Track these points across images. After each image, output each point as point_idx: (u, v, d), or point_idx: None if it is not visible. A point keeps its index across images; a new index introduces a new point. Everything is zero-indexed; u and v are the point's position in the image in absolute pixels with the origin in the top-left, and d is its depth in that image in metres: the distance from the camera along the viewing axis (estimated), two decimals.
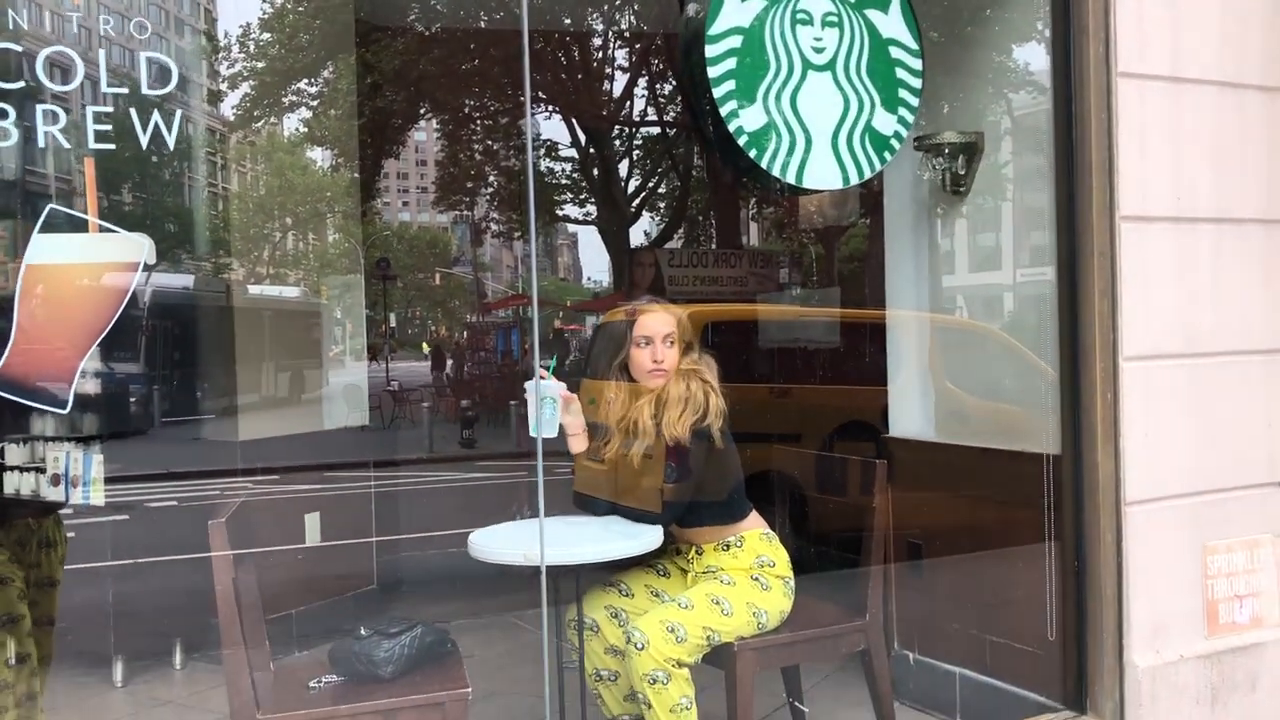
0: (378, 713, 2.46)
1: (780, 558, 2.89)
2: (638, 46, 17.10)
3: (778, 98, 2.78)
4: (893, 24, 2.93)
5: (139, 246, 2.10)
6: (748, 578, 2.83)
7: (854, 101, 2.86)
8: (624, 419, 2.98)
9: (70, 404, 2.14)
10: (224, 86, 16.24)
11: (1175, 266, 2.99)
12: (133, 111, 2.03)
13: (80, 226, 2.06)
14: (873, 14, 2.91)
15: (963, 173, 3.24)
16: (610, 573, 3.00)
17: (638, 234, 20.54)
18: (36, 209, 2.02)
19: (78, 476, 3.91)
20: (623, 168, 18.80)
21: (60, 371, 2.09)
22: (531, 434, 2.72)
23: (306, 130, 16.45)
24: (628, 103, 18.22)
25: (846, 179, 2.87)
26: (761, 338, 6.65)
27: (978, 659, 3.33)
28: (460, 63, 15.19)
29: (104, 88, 2.03)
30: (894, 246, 3.68)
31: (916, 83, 2.97)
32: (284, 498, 4.54)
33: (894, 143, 2.94)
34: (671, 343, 2.86)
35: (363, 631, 2.66)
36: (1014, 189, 3.81)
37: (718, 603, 2.75)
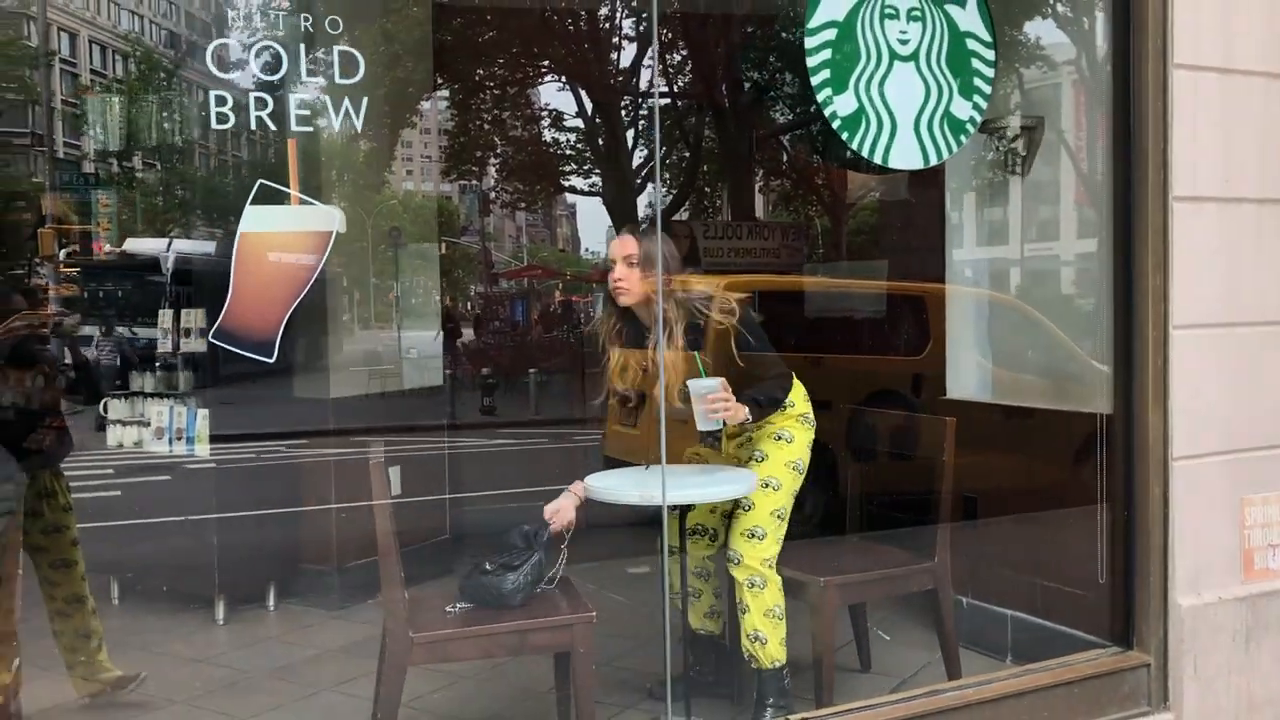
0: (513, 632, 2.75)
1: (796, 396, 3.19)
2: (645, 16, 17.21)
3: (867, 86, 3.04)
4: (969, 18, 3.19)
5: (331, 216, 2.37)
6: (772, 439, 3.15)
7: (934, 89, 3.13)
8: (639, 373, 3.25)
9: (276, 354, 2.40)
10: (244, 55, 16.32)
11: (1222, 242, 3.28)
12: (327, 99, 2.29)
13: (284, 199, 2.32)
14: (952, 9, 3.17)
15: (1023, 154, 3.50)
16: None
17: (644, 206, 20.67)
18: (248, 184, 2.27)
19: (181, 430, 4.20)
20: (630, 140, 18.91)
21: (268, 325, 2.35)
22: (700, 429, 3.03)
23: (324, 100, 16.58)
24: (638, 72, 18.30)
25: (927, 159, 3.15)
26: (796, 308, 6.92)
27: (1029, 602, 3.64)
28: (479, 34, 15.30)
29: (304, 77, 2.28)
30: (954, 223, 3.95)
31: (989, 72, 3.23)
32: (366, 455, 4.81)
33: (969, 127, 3.21)
34: (632, 264, 3.05)
35: (487, 566, 2.92)
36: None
37: (767, 485, 3.11)
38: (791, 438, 3.20)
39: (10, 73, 19.27)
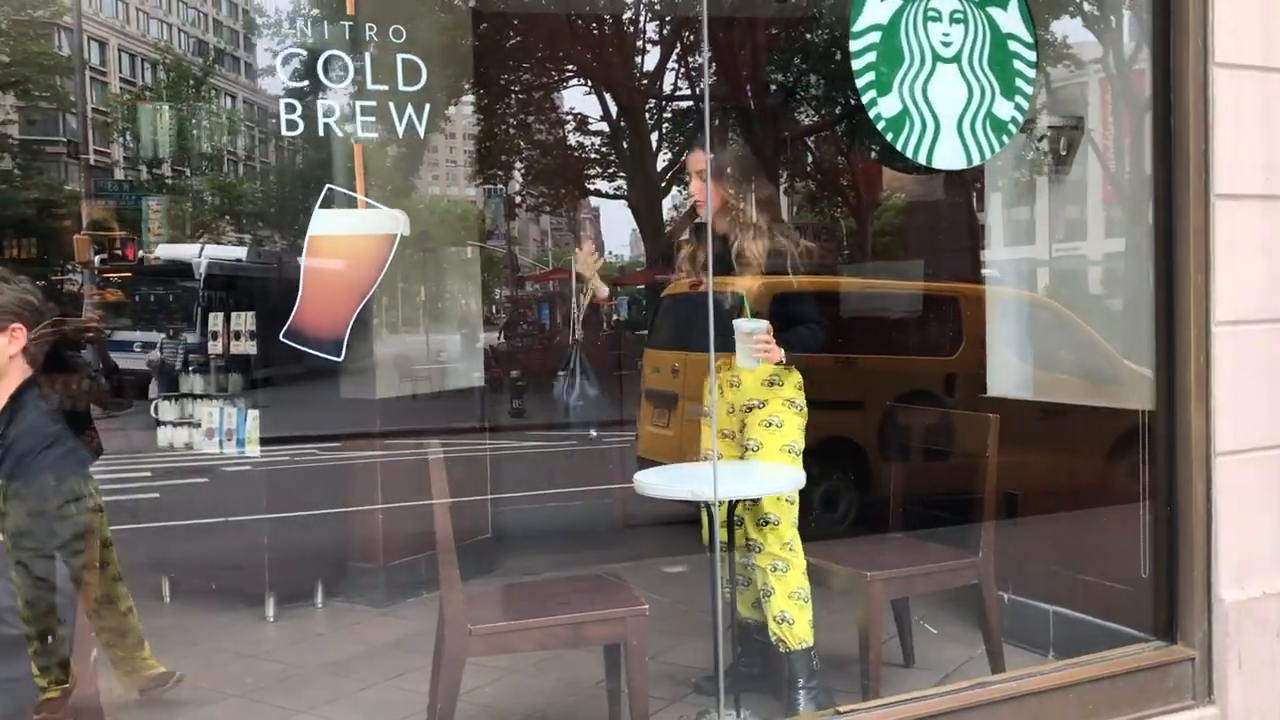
0: (568, 625, 2.81)
1: (790, 380, 3.38)
2: (669, 19, 17.30)
3: (911, 87, 3.09)
4: (1011, 20, 3.23)
5: (396, 220, 2.44)
6: (762, 426, 3.32)
7: (977, 90, 3.17)
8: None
9: (343, 354, 2.47)
10: (276, 62, 16.51)
11: (1263, 239, 3.30)
12: (391, 105, 2.36)
13: (350, 203, 2.40)
14: (994, 11, 3.21)
15: (1064, 154, 3.54)
16: None
17: (668, 208, 20.72)
18: (317, 188, 2.35)
19: (232, 431, 4.29)
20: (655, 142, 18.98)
21: (336, 325, 2.43)
22: (740, 365, 3.24)
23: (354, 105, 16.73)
24: (661, 76, 18.38)
25: (970, 159, 3.19)
26: (828, 308, 6.95)
27: (1070, 597, 3.67)
28: (505, 39, 15.41)
29: (369, 84, 2.36)
30: (994, 223, 3.99)
31: (1031, 73, 3.27)
32: (413, 456, 4.89)
33: (1011, 127, 3.25)
34: (704, 177, 3.29)
35: None
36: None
37: (789, 450, 3.30)
38: (780, 423, 3.32)
39: (44, 81, 19.56)
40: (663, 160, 19.24)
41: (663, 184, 18.85)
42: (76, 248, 12.24)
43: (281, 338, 2.40)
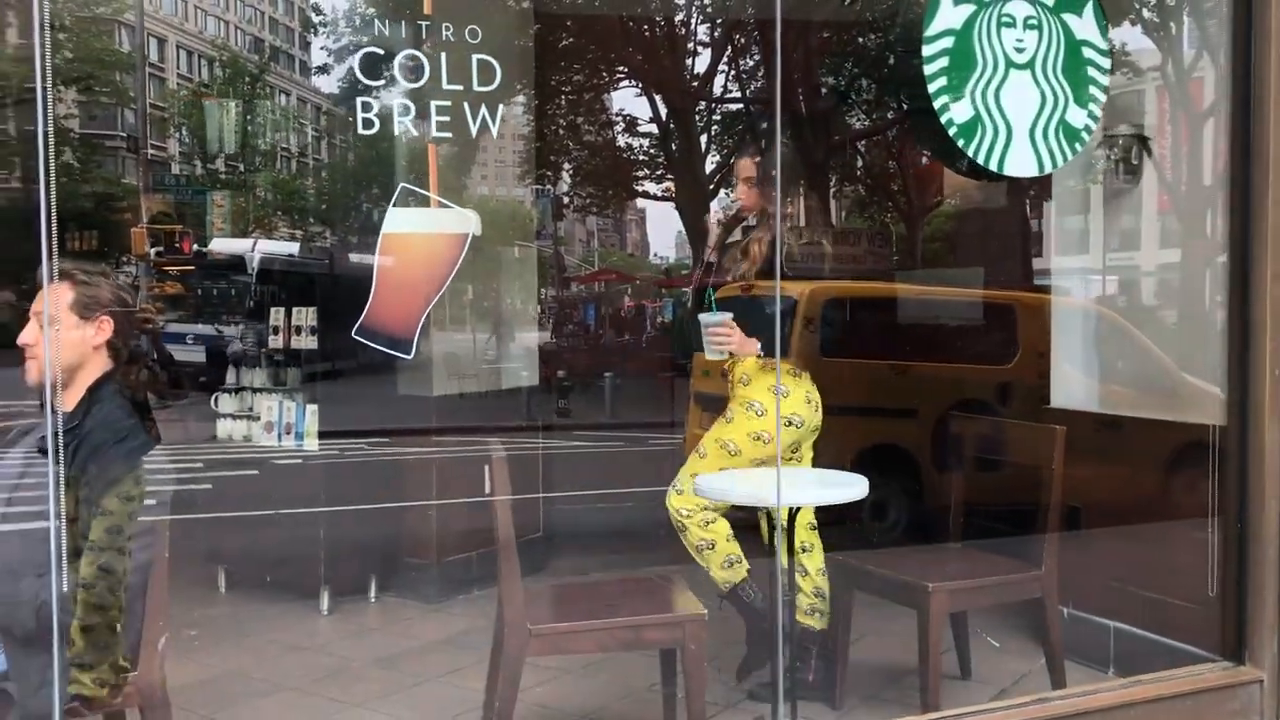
0: (628, 627, 2.81)
1: (798, 391, 3.46)
2: (720, 22, 17.28)
3: (984, 93, 3.05)
4: (1086, 26, 3.18)
5: (468, 219, 2.45)
6: (743, 406, 3.41)
7: (1050, 97, 3.12)
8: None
9: (422, 353, 2.48)
10: (330, 60, 16.77)
11: None
12: (465, 105, 2.37)
13: (423, 202, 2.42)
14: (1068, 17, 3.16)
15: (1136, 162, 3.48)
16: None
17: (715, 210, 20.64)
18: (390, 187, 2.37)
19: (291, 424, 4.33)
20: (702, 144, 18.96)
21: (408, 323, 2.44)
22: (707, 357, 3.38)
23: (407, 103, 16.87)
24: (712, 79, 18.36)
25: (1042, 167, 3.14)
26: (882, 314, 6.90)
27: (1133, 614, 3.60)
28: (557, 39, 15.46)
29: (444, 84, 2.37)
30: (1061, 232, 3.93)
31: (1105, 80, 3.22)
32: (465, 453, 4.91)
33: (1084, 135, 3.19)
34: (751, 184, 3.44)
35: None
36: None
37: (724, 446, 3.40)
38: (764, 410, 3.38)
39: (105, 77, 19.92)
40: (711, 163, 19.22)
41: (710, 186, 18.82)
42: (134, 241, 12.46)
43: (354, 334, 2.41)
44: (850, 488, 3.01)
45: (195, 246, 13.67)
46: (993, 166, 3.06)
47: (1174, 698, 3.12)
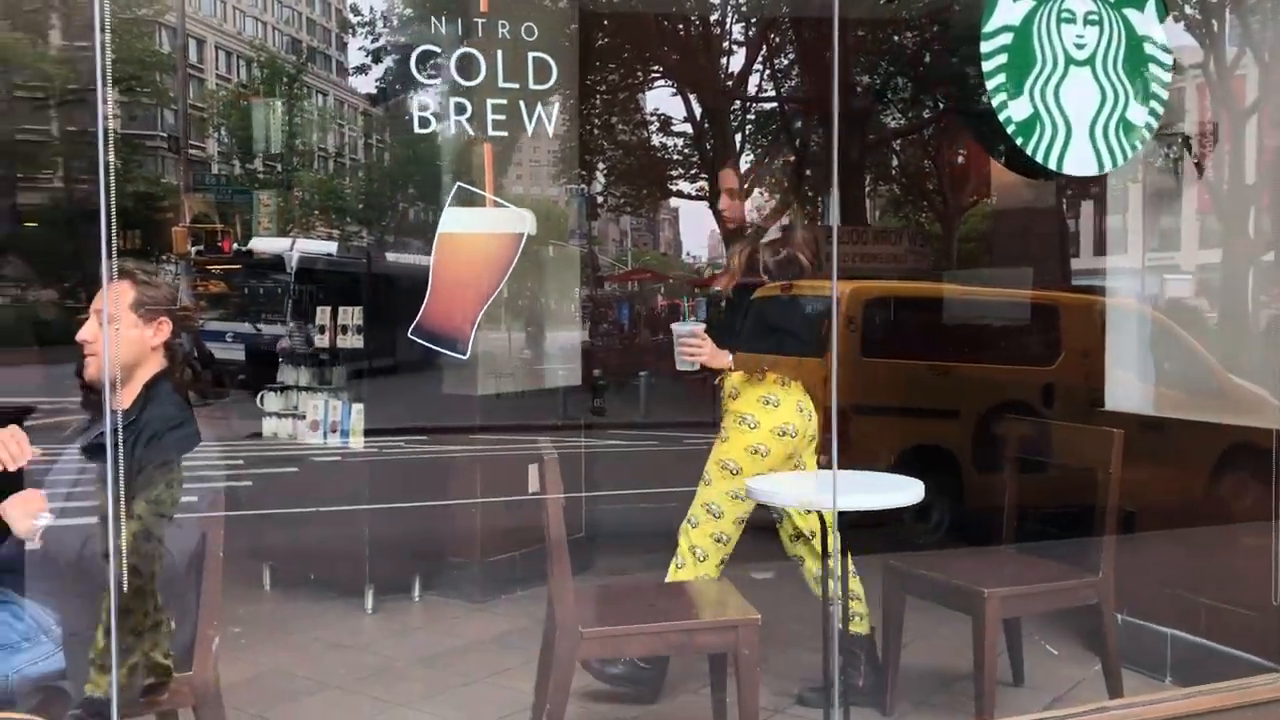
0: (681, 631, 2.78)
1: (789, 400, 3.39)
2: (754, 21, 17.22)
3: (1043, 91, 3.00)
4: (1148, 22, 3.12)
5: (523, 219, 2.43)
6: (736, 421, 3.38)
7: (1110, 94, 3.07)
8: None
9: (469, 352, 2.47)
10: (367, 60, 16.88)
11: None
12: (521, 103, 2.35)
13: (479, 201, 2.40)
14: (1130, 12, 3.10)
15: (1178, 160, 3.41)
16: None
17: (749, 209, 20.63)
18: (431, 187, 2.35)
19: (336, 423, 4.33)
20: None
21: (462, 324, 2.43)
22: (678, 368, 3.35)
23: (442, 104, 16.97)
24: (747, 77, 18.30)
25: (1101, 166, 3.08)
26: (924, 314, 6.83)
27: (1191, 621, 3.53)
28: (594, 39, 15.47)
29: (500, 82, 2.35)
30: (1117, 233, 3.86)
31: (1167, 77, 3.16)
32: (507, 452, 4.90)
33: (1145, 133, 3.13)
34: (733, 196, 3.33)
35: None
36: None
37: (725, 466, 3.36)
38: (756, 423, 3.35)
39: (145, 78, 20.14)
40: (745, 162, 19.17)
41: (744, 185, 18.75)
42: (175, 240, 12.59)
43: (409, 335, 2.40)
44: (905, 491, 2.97)
45: (235, 245, 13.79)
46: (1051, 165, 3.01)
47: (1237, 708, 3.05)
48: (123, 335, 2.35)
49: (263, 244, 14.95)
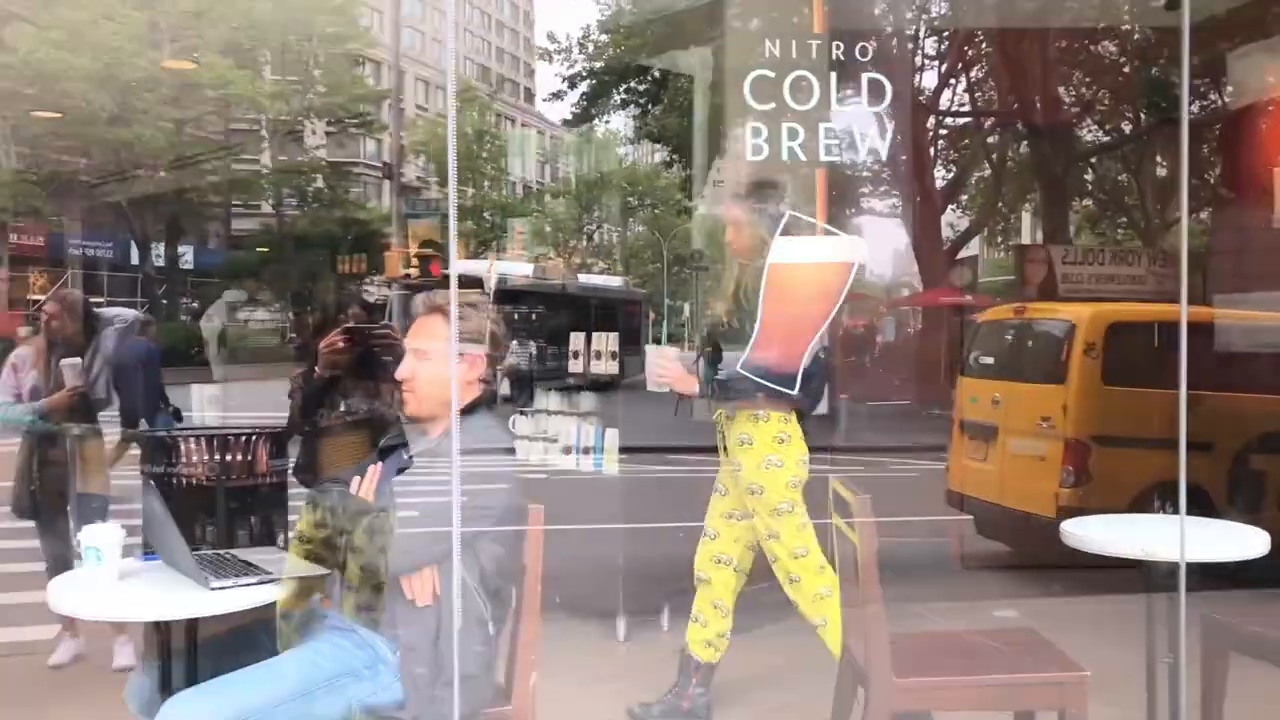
0: (1003, 686, 2.61)
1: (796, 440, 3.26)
2: (946, 34, 16.78)
3: None
4: None
5: (855, 247, 2.34)
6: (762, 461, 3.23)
7: None
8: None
9: (798, 385, 2.38)
10: (564, 86, 17.34)
11: None
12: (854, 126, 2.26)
13: (809, 230, 2.32)
14: None
15: None
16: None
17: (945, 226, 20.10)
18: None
19: (589, 447, 4.33)
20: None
21: (792, 357, 2.35)
22: (648, 387, 3.37)
23: (638, 127, 17.24)
24: (941, 91, 17.87)
25: None
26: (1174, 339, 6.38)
27: None
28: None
29: (833, 105, 2.27)
30: None
31: None
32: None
33: None
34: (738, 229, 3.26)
35: None
36: None
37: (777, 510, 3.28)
38: (781, 463, 3.24)
39: (352, 108, 21.24)
40: (941, 177, 18.69)
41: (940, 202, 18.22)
42: (388, 263, 13.13)
43: (739, 369, 2.33)
44: (1254, 540, 2.72)
45: (444, 270, 14.32)
46: None
47: None
48: (438, 373, 2.35)
49: (463, 266, 15.50)
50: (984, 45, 16.17)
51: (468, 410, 2.40)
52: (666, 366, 3.30)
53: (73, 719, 3.69)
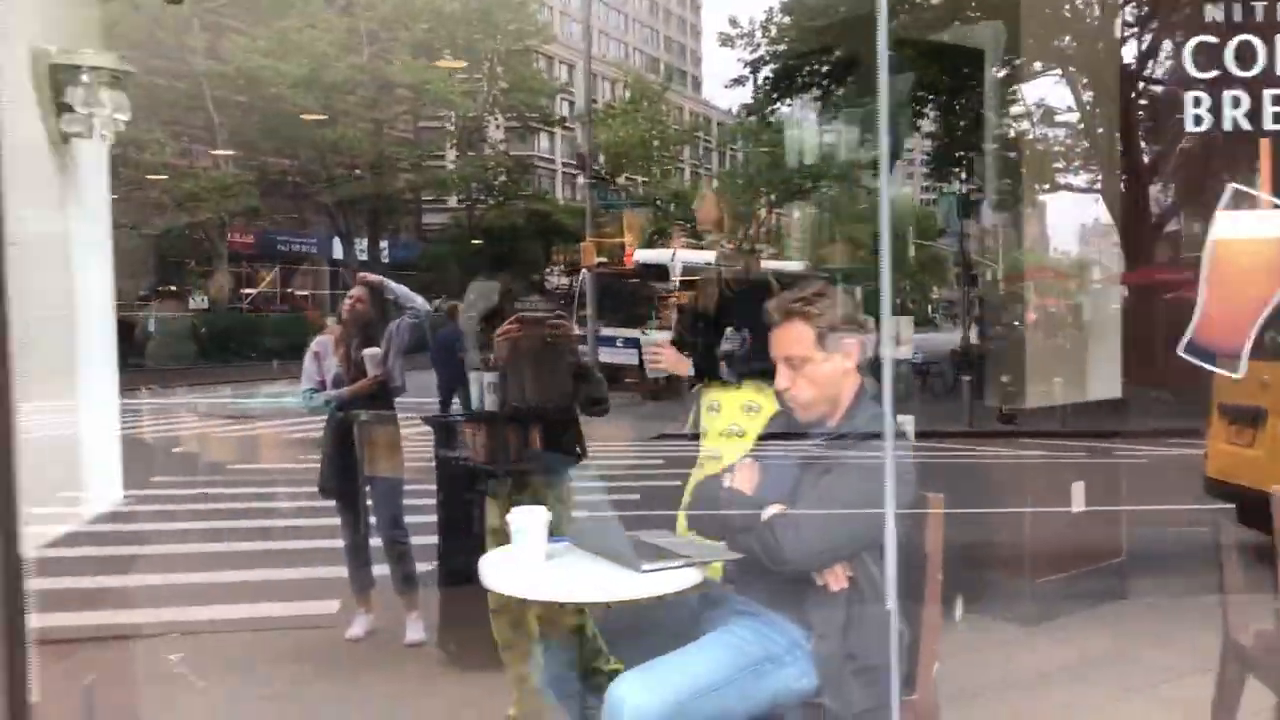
0: None
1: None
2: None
3: None
4: None
5: None
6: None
7: None
8: None
9: (1243, 368, 2.21)
10: (745, 71, 17.21)
11: None
12: None
13: (1256, 204, 2.15)
14: None
15: None
16: None
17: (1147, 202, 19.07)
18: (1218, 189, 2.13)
19: None
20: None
21: (1237, 336, 2.18)
22: (647, 375, 3.49)
23: (824, 108, 16.95)
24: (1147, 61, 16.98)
25: None
26: None
27: None
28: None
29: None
30: None
31: None
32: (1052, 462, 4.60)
33: None
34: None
35: None
36: None
37: None
38: (742, 430, 3.36)
39: (532, 103, 21.63)
40: (1146, 150, 17.74)
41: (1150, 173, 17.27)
42: (584, 254, 13.31)
43: (1180, 352, 2.17)
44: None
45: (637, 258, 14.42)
46: None
47: None
48: (817, 374, 2.28)
49: (646, 255, 15.59)
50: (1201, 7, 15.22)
51: (856, 400, 2.30)
52: (660, 353, 3.57)
53: (381, 685, 3.82)
